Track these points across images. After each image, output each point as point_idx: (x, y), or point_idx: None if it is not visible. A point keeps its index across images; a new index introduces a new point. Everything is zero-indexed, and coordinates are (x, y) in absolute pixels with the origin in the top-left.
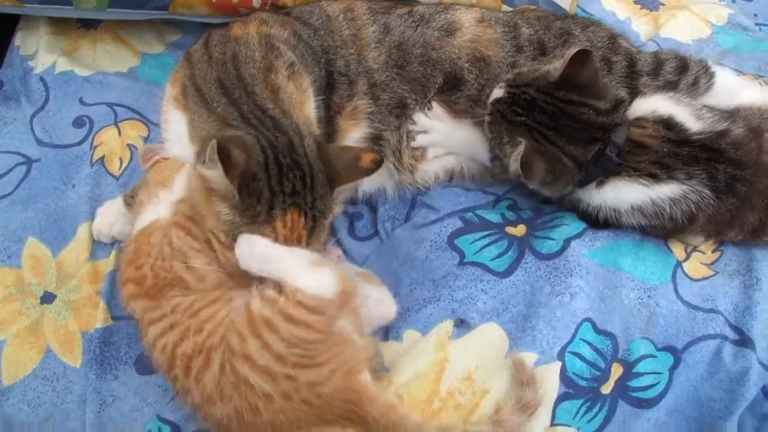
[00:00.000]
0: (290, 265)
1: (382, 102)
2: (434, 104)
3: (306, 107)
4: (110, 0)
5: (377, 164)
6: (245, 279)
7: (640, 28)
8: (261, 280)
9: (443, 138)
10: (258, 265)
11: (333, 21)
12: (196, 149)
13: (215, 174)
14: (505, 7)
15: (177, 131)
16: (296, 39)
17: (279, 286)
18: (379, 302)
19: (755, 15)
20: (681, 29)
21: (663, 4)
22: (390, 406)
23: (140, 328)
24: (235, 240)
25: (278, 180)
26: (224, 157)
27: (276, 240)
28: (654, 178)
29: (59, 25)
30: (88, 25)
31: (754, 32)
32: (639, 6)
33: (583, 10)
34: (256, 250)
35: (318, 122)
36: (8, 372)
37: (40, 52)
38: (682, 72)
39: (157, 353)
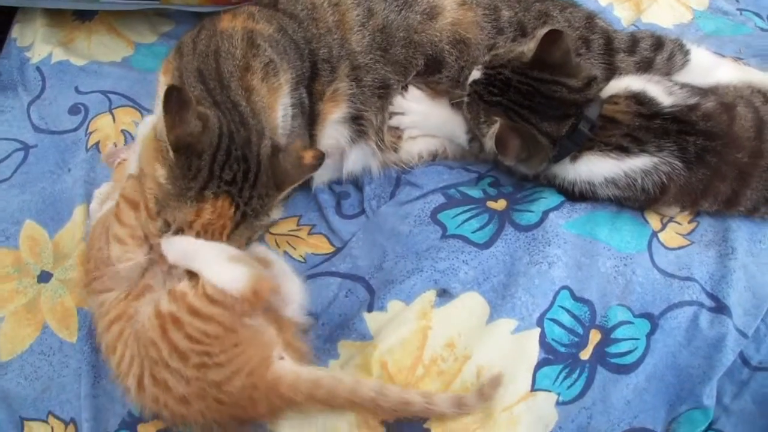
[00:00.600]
0: (207, 257)
1: (365, 84)
2: (410, 87)
3: (275, 110)
4: None
5: (319, 159)
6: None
7: (621, 13)
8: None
9: (420, 119)
10: (176, 256)
11: (318, 9)
12: None
13: (160, 125)
14: None
15: None
16: (281, 34)
17: (194, 280)
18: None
19: (737, 1)
20: (662, 14)
21: None
22: (316, 381)
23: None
24: (160, 209)
25: (221, 166)
26: (172, 105)
27: (196, 222)
28: (626, 151)
29: (55, 17)
30: (83, 17)
31: (735, 16)
32: None
33: None
34: (177, 244)
35: (302, 112)
36: (6, 348)
37: (36, 43)
38: (657, 49)
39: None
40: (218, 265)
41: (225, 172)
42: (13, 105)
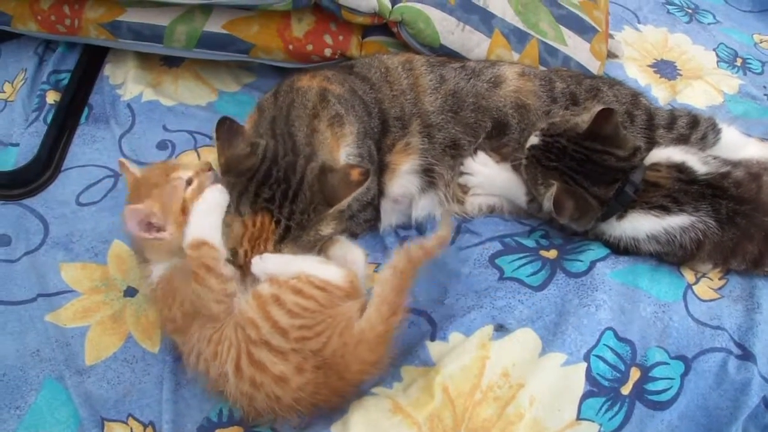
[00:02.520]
0: (305, 262)
1: (436, 140)
2: (479, 152)
3: (338, 152)
4: (198, 41)
5: (365, 175)
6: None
7: (659, 94)
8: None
9: (485, 181)
10: (272, 269)
11: (392, 72)
12: None
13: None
14: (540, 68)
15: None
16: (351, 95)
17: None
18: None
19: (765, 87)
20: (696, 96)
21: (680, 74)
22: (379, 306)
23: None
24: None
25: (259, 185)
26: (223, 133)
27: (244, 235)
28: (666, 210)
29: (144, 60)
30: (171, 62)
31: (762, 101)
32: (659, 75)
33: (609, 76)
34: (269, 260)
35: (371, 162)
36: (91, 353)
37: (128, 82)
38: (693, 127)
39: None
40: (316, 265)
41: (263, 190)
42: (104, 136)
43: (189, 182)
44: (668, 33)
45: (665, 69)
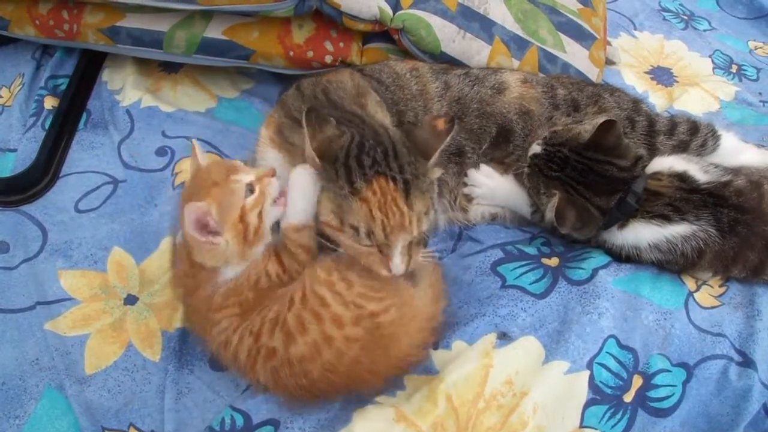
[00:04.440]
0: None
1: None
2: (483, 166)
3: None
4: (197, 47)
5: (451, 122)
6: None
7: (656, 100)
8: None
9: (489, 193)
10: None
11: (402, 78)
12: None
13: (305, 141)
14: (540, 75)
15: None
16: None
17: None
18: None
19: (760, 93)
20: (693, 103)
21: (677, 81)
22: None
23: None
24: (341, 219)
25: (357, 157)
26: (312, 121)
27: (372, 210)
28: (668, 219)
29: (143, 66)
30: (169, 68)
31: (758, 108)
32: (656, 82)
33: (607, 83)
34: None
35: None
36: (91, 362)
37: (126, 88)
38: (693, 133)
39: (244, 341)
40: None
41: (364, 159)
42: (103, 142)
43: (250, 188)
44: (664, 40)
45: (662, 76)
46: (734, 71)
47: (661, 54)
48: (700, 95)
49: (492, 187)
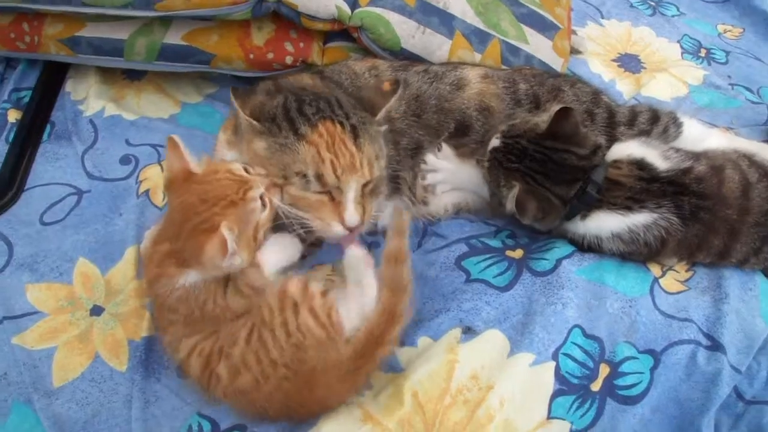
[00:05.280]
0: (369, 290)
1: (401, 146)
2: (444, 145)
3: None
4: (158, 53)
5: (396, 84)
6: None
7: (623, 88)
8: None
9: (450, 176)
10: (351, 264)
11: (360, 77)
12: None
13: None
14: (503, 67)
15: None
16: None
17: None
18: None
19: (729, 76)
20: (660, 89)
21: (645, 68)
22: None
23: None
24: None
25: (299, 109)
26: (239, 93)
27: (320, 151)
28: (629, 209)
29: (106, 75)
30: (133, 76)
31: (727, 91)
32: (623, 69)
33: (573, 73)
34: (356, 253)
35: None
36: (58, 375)
37: (90, 98)
38: (654, 122)
39: (193, 359)
40: (363, 305)
41: (306, 109)
42: (67, 153)
43: (263, 203)
44: (632, 27)
45: (629, 63)
46: (703, 55)
47: (629, 41)
48: (667, 80)
49: (452, 169)
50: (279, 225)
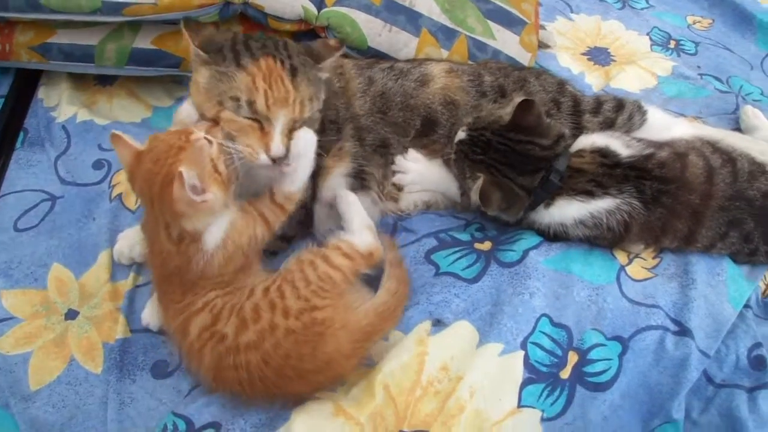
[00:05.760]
0: (357, 217)
1: (366, 143)
2: (410, 150)
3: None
4: (128, 58)
5: (341, 43)
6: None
7: (592, 80)
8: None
9: (418, 178)
10: (339, 204)
11: None
12: None
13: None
14: (470, 62)
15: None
16: None
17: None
18: None
19: (699, 66)
20: (629, 81)
21: (614, 60)
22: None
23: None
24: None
25: (245, 45)
26: (191, 26)
27: (256, 81)
28: (591, 194)
29: (78, 81)
30: (104, 81)
31: (696, 81)
32: (592, 62)
33: (541, 66)
34: (345, 197)
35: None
36: (34, 379)
37: (62, 104)
38: (618, 110)
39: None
40: (359, 227)
41: (252, 44)
42: (40, 159)
43: (209, 141)
44: (601, 20)
45: (599, 56)
46: (672, 47)
47: (598, 34)
48: (636, 72)
49: (420, 171)
50: None
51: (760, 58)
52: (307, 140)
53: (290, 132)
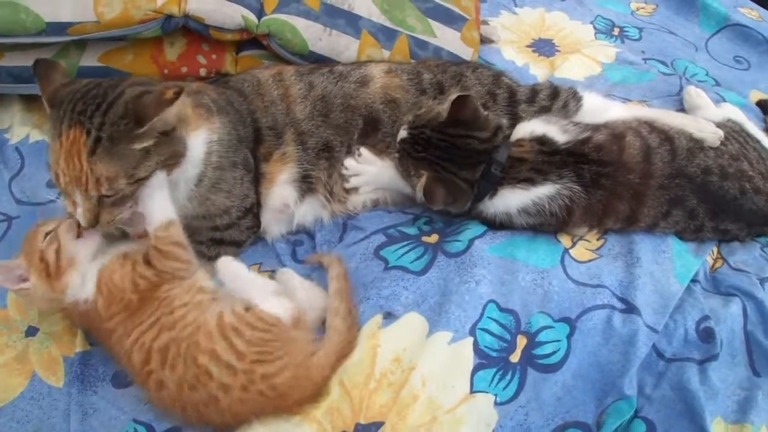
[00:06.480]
0: (260, 289)
1: (309, 146)
2: (362, 150)
3: (197, 133)
4: (76, 76)
5: (177, 94)
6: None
7: (537, 71)
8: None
9: (373, 178)
10: (230, 279)
11: (263, 85)
12: None
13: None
14: (411, 61)
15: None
16: (226, 103)
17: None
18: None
19: (643, 52)
20: (574, 69)
21: (559, 50)
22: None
23: (115, 346)
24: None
25: (74, 102)
26: (40, 70)
27: (60, 156)
28: (532, 182)
29: (29, 102)
30: None
31: (640, 66)
32: (537, 54)
33: (486, 61)
34: (233, 268)
35: (248, 170)
36: None
37: (14, 125)
38: (553, 98)
39: (135, 353)
40: (266, 298)
41: (79, 104)
42: None
43: (47, 233)
44: (545, 13)
45: (543, 47)
46: (616, 34)
47: (543, 26)
48: (581, 61)
49: (375, 172)
50: None
51: (704, 40)
52: (150, 184)
53: (103, 206)
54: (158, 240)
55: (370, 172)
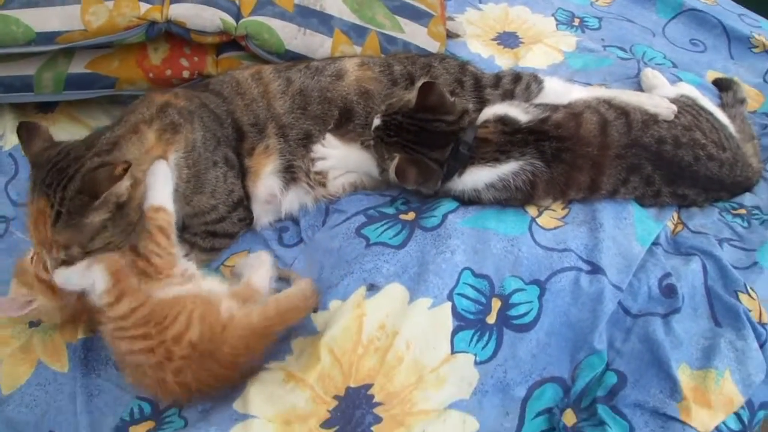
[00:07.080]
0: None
1: (290, 138)
2: (328, 135)
3: (167, 155)
4: (65, 83)
5: (125, 170)
6: None
7: (502, 62)
8: None
9: (338, 162)
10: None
11: (242, 84)
12: None
13: None
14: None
15: None
16: (199, 107)
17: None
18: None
19: (602, 40)
20: (537, 59)
21: (522, 42)
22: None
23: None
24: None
25: (45, 174)
26: (23, 133)
27: (30, 221)
28: (497, 160)
29: (20, 110)
30: (46, 109)
31: (599, 52)
32: (502, 46)
33: (453, 54)
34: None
35: (231, 167)
36: (6, 384)
37: (6, 133)
38: (516, 82)
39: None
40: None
41: (48, 176)
42: None
43: (31, 258)
44: (508, 8)
45: (507, 40)
46: (577, 24)
47: (506, 20)
48: (543, 50)
49: (339, 156)
50: None
51: (661, 26)
52: (157, 166)
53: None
54: (150, 219)
55: (334, 155)
